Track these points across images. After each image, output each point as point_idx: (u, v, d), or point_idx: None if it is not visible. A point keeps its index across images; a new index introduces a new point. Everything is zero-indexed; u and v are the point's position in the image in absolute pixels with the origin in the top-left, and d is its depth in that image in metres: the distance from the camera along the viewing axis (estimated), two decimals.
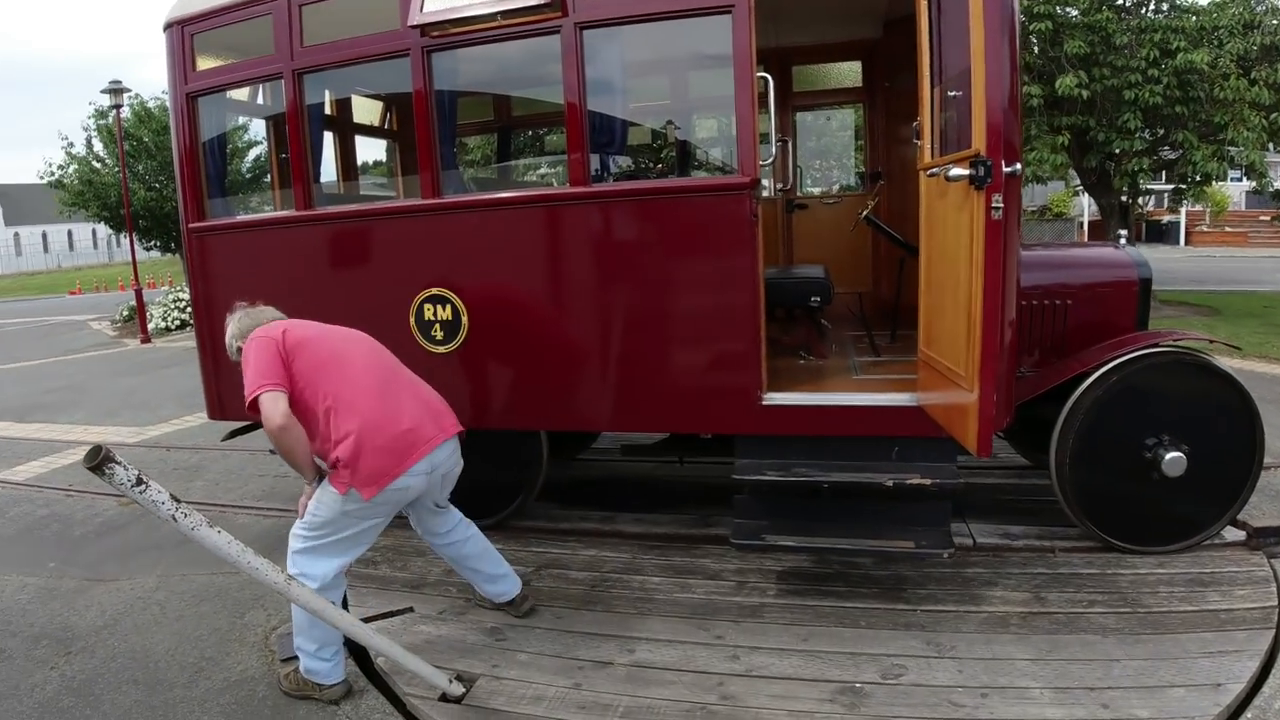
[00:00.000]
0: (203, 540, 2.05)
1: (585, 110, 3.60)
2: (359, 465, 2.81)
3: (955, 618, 3.23)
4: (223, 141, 4.99)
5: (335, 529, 2.94)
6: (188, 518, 1.96)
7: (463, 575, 3.51)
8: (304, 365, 2.91)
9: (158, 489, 1.87)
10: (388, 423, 2.90)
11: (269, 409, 2.75)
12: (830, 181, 13.29)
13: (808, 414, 3.55)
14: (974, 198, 2.79)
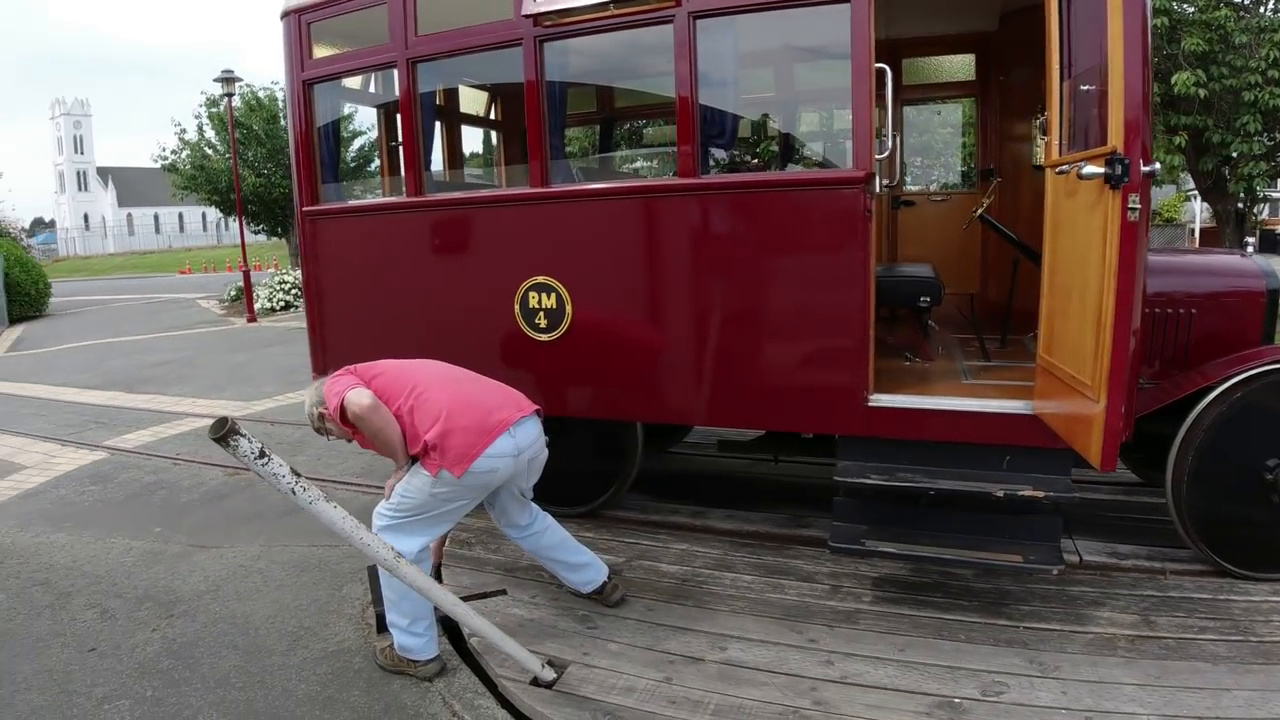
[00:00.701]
0: (319, 514, 2.10)
1: (696, 101, 3.56)
2: (447, 445, 2.90)
3: (1060, 637, 3.09)
4: (336, 128, 5.13)
5: (423, 510, 3.02)
6: (306, 491, 2.01)
7: (546, 567, 3.54)
8: (382, 382, 3.08)
9: (279, 462, 1.93)
10: (469, 405, 3.02)
11: (356, 398, 2.91)
12: (930, 179, 12.92)
13: (915, 417, 3.44)
14: (1108, 197, 2.64)
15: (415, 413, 2.97)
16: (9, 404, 9.20)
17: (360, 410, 2.88)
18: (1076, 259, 2.94)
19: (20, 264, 19.99)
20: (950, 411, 3.43)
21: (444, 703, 2.96)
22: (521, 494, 3.34)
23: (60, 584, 4.19)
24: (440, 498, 3.00)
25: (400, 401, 3.00)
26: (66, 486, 5.87)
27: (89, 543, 4.73)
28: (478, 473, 2.95)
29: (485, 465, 2.96)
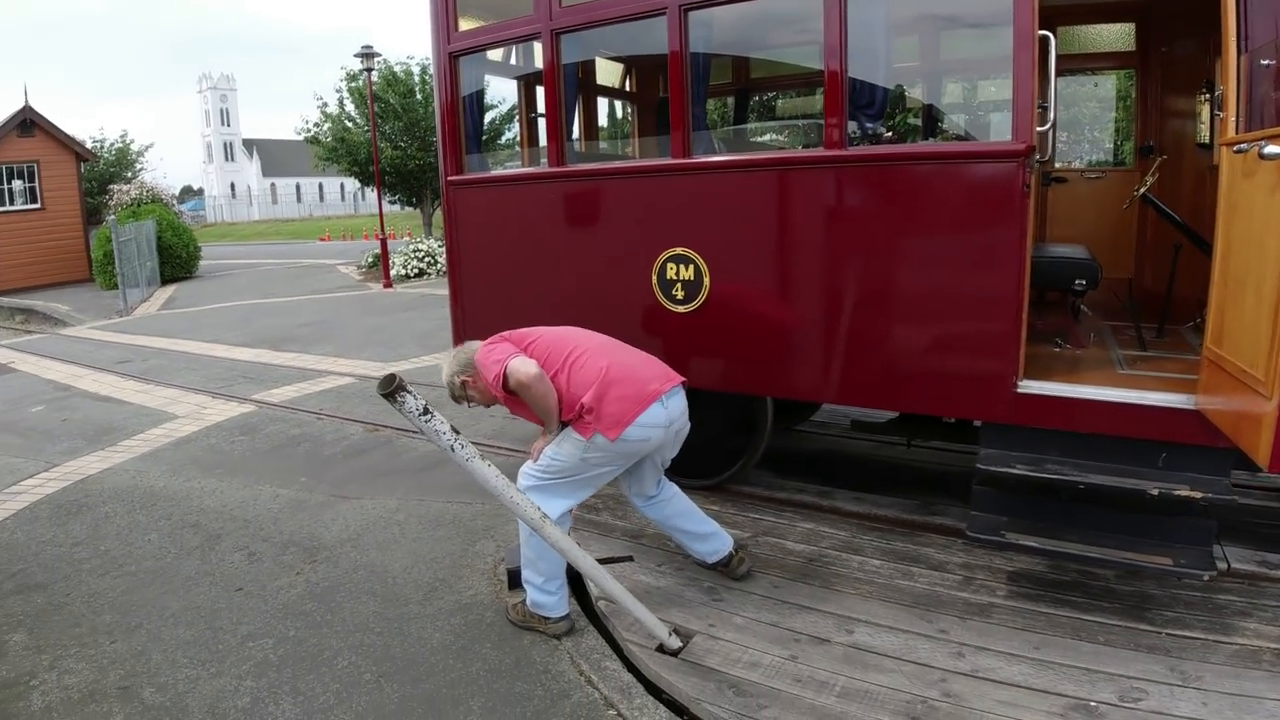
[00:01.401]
0: (474, 470, 2.18)
1: (845, 71, 3.45)
2: (603, 410, 2.94)
3: (1203, 646, 2.91)
4: (480, 100, 5.25)
5: (571, 474, 3.08)
6: (464, 448, 2.09)
7: (671, 536, 3.56)
8: (539, 347, 3.13)
9: (440, 419, 2.01)
10: (625, 372, 3.04)
11: (520, 366, 2.95)
12: (1076, 155, 12.21)
13: (1066, 406, 3.26)
14: None
15: (572, 377, 3.02)
16: (163, 358, 9.94)
17: (526, 379, 2.93)
18: (1253, 245, 2.71)
19: (172, 228, 21.46)
20: (1105, 402, 3.23)
21: (571, 662, 3.04)
22: (661, 464, 3.36)
23: (210, 526, 4.51)
24: (590, 462, 3.06)
25: (557, 366, 3.05)
26: (216, 436, 6.31)
27: (237, 489, 5.08)
28: (630, 440, 3.00)
29: (638, 434, 3.00)
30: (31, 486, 5.25)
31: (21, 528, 4.58)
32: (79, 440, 6.33)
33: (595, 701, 2.80)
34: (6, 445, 6.26)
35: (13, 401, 7.93)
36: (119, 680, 3.06)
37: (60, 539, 4.40)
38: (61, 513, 4.78)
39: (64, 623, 3.51)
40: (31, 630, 3.44)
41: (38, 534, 4.48)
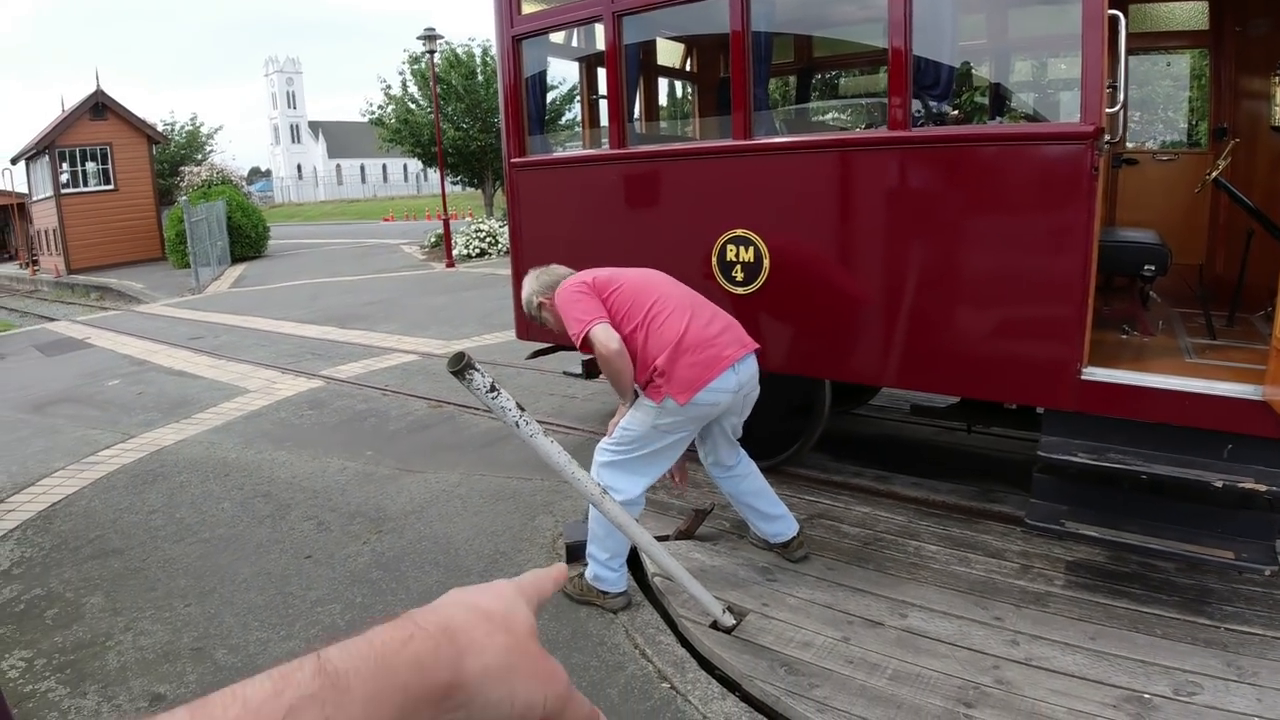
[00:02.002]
0: (538, 446, 2.23)
1: (910, 50, 3.40)
2: (675, 373, 2.98)
3: (1261, 642, 2.83)
4: (543, 82, 5.29)
5: (644, 444, 3.12)
6: (529, 425, 2.15)
7: (741, 511, 3.58)
8: (617, 299, 3.13)
9: (507, 396, 2.06)
10: (700, 335, 3.07)
11: (604, 337, 3.00)
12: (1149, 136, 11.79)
13: (1131, 395, 3.19)
14: None
15: (649, 337, 3.06)
16: (234, 334, 10.27)
17: (606, 352, 3.00)
18: None
19: (241, 209, 22.10)
20: (1171, 391, 3.15)
21: (627, 635, 3.10)
22: (733, 430, 3.39)
23: (280, 496, 4.67)
24: (662, 429, 3.10)
25: (636, 322, 3.09)
26: (286, 410, 6.51)
27: (307, 461, 5.25)
28: (700, 404, 3.03)
29: (708, 398, 3.04)
30: (109, 457, 5.50)
31: (99, 496, 4.80)
32: (154, 413, 6.59)
33: (649, 674, 2.86)
34: (85, 417, 6.56)
35: (90, 375, 8.29)
36: (192, 642, 3.20)
37: (137, 507, 4.61)
38: (138, 482, 5.00)
39: (140, 587, 3.68)
40: (109, 593, 3.62)
41: (115, 502, 4.70)
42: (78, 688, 2.93)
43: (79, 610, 3.49)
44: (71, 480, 5.07)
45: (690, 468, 3.61)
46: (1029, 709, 2.54)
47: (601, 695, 2.76)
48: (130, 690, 2.90)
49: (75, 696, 2.88)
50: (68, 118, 23.21)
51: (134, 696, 2.86)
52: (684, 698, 2.71)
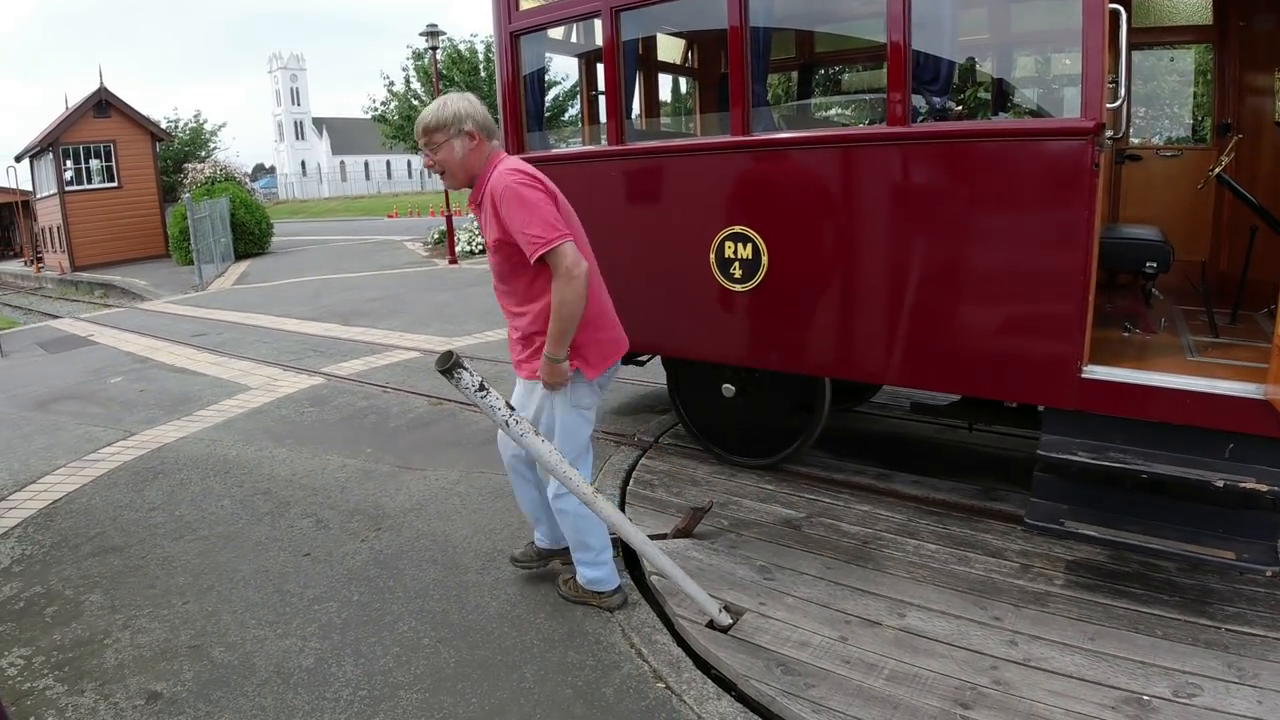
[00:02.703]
0: (528, 445, 2.22)
1: (909, 45, 3.37)
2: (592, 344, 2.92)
3: (1263, 643, 2.82)
4: (541, 78, 5.27)
5: (576, 432, 3.02)
6: (518, 424, 2.14)
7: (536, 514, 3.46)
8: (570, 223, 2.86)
9: (496, 395, 2.06)
10: (610, 308, 3.06)
11: (575, 259, 2.66)
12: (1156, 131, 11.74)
13: (1132, 393, 3.17)
14: None
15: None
16: (237, 331, 10.28)
17: (577, 282, 2.64)
18: None
19: (245, 205, 22.12)
20: (1172, 390, 3.13)
21: (623, 634, 3.09)
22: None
23: (280, 494, 4.67)
24: (581, 409, 2.99)
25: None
26: (287, 407, 6.51)
27: (307, 458, 5.25)
28: (602, 385, 3.00)
29: (606, 381, 3.01)
30: (110, 454, 5.50)
31: (100, 493, 4.81)
32: (156, 410, 6.60)
33: (644, 673, 2.85)
34: (87, 414, 6.56)
35: (93, 372, 8.31)
36: (190, 639, 3.20)
37: (137, 504, 4.61)
38: (139, 479, 5.00)
39: (139, 584, 3.68)
40: (108, 591, 3.62)
41: (115, 499, 4.70)
42: (75, 685, 2.93)
43: (78, 608, 3.49)
44: (73, 478, 5.08)
45: (689, 465, 3.60)
46: (1027, 710, 2.53)
47: (596, 694, 2.75)
48: (127, 688, 2.90)
49: (73, 694, 2.88)
50: (71, 115, 23.27)
51: (131, 694, 2.87)
52: (679, 697, 2.70)
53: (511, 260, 2.75)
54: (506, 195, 2.65)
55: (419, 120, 2.72)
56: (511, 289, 2.87)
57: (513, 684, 2.83)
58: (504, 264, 2.79)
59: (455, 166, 2.70)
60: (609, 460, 4.80)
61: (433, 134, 2.70)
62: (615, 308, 3.14)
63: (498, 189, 2.68)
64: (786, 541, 3.69)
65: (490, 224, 2.73)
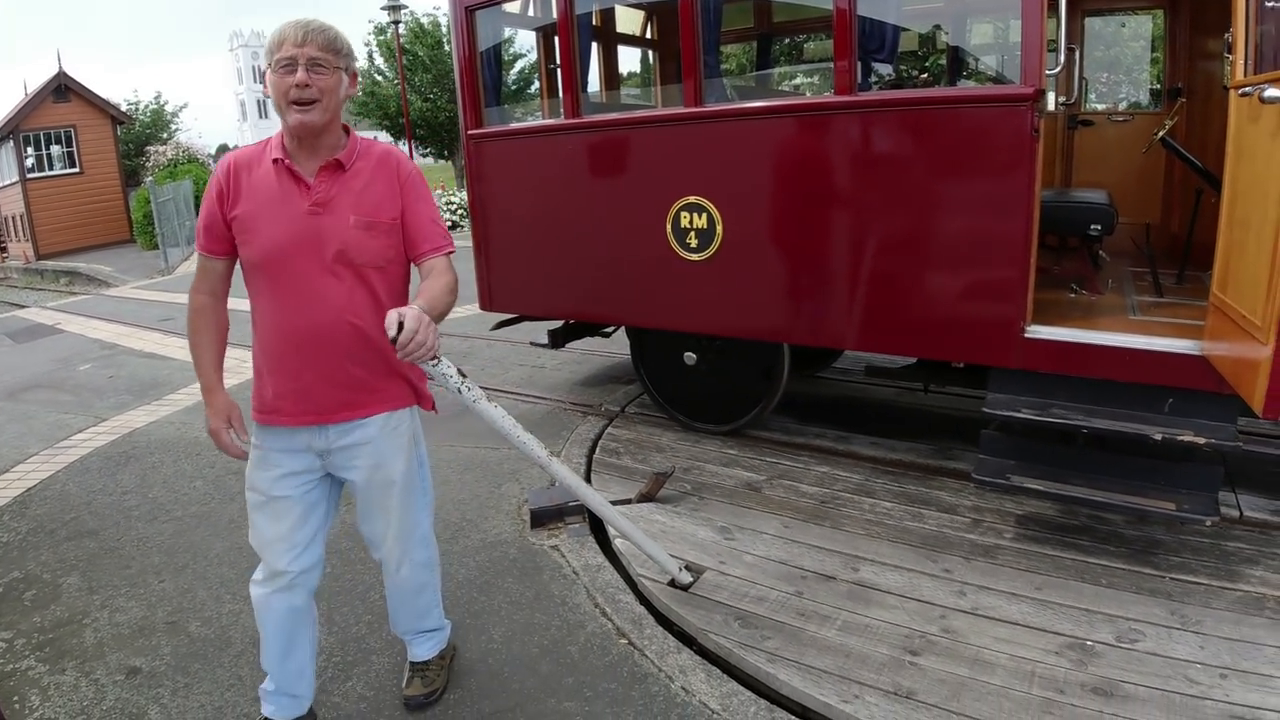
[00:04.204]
0: (481, 412, 2.29)
1: (855, 13, 3.44)
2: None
3: (1206, 591, 2.95)
4: (498, 53, 5.28)
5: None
6: (470, 391, 2.20)
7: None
8: None
9: (447, 363, 2.12)
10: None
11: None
12: (1118, 97, 11.87)
13: (1074, 352, 3.29)
14: None
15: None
16: None
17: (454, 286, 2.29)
18: (1257, 190, 2.69)
19: None
20: (1111, 348, 3.25)
21: (588, 595, 3.19)
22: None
23: None
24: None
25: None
26: None
27: None
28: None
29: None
30: (82, 440, 5.51)
31: (74, 479, 4.83)
32: (126, 395, 6.60)
33: (608, 631, 2.95)
34: (57, 402, 6.54)
35: (61, 360, 8.25)
36: (167, 616, 3.26)
37: (110, 488, 4.64)
38: (111, 464, 5.02)
39: (115, 565, 3.73)
40: (85, 573, 3.66)
41: (89, 484, 4.73)
42: (57, 665, 2.99)
43: (56, 591, 3.54)
44: (46, 465, 5.09)
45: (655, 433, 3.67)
46: (973, 656, 2.65)
47: (562, 653, 2.85)
48: (108, 665, 2.96)
49: (55, 673, 2.94)
50: (31, 101, 22.79)
51: (111, 670, 2.93)
52: (641, 652, 2.81)
53: (387, 253, 2.23)
54: (419, 177, 2.31)
55: (322, 28, 2.06)
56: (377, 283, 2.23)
57: (481, 645, 2.93)
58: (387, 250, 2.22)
59: (331, 102, 2.08)
60: (575, 430, 4.89)
61: (337, 54, 2.08)
62: (577, 279, 3.10)
63: (405, 165, 2.28)
64: (747, 503, 3.81)
65: (381, 201, 2.19)
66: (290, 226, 2.12)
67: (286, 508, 2.35)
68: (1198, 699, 2.40)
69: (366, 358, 2.24)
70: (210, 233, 2.21)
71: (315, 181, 2.14)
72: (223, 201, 2.16)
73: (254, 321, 2.28)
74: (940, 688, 2.51)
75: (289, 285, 2.16)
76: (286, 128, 2.13)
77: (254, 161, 2.18)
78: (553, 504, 3.78)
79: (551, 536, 3.68)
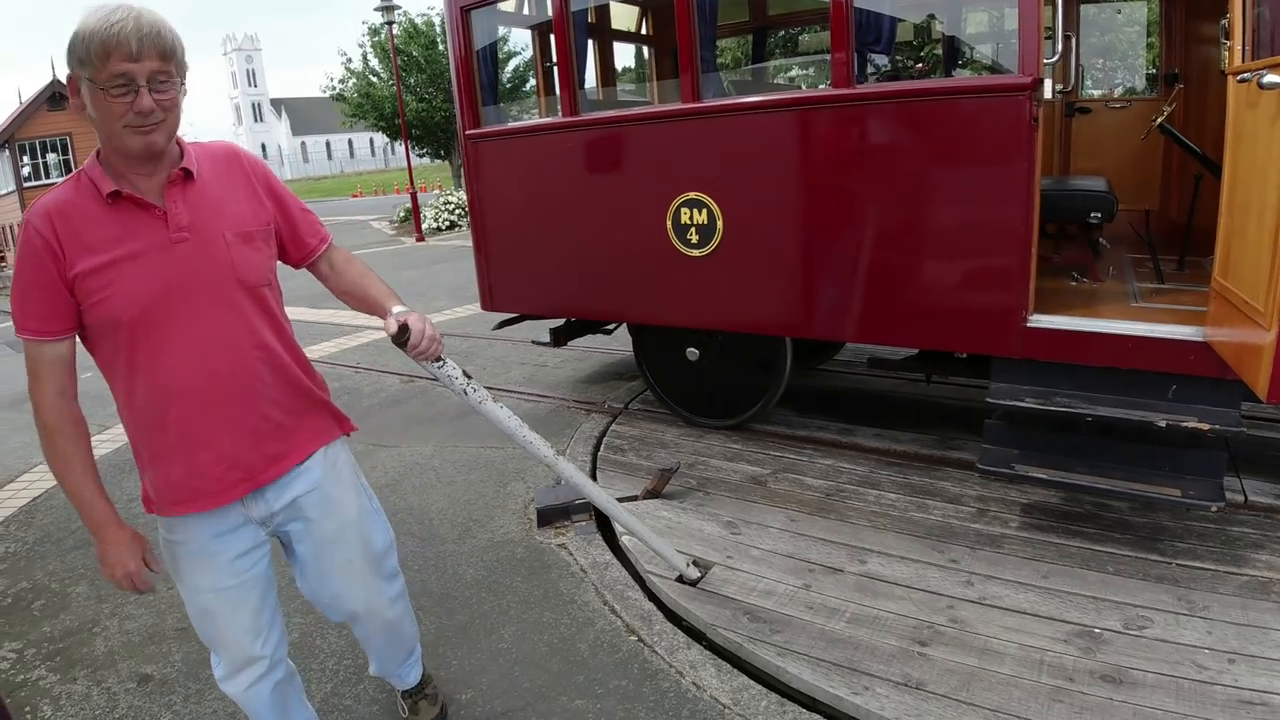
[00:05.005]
0: (487, 413, 2.30)
1: (851, 4, 3.44)
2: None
3: (1213, 577, 2.95)
4: (494, 52, 5.28)
5: None
6: (476, 392, 2.21)
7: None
8: None
9: (453, 365, 2.13)
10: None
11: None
12: (1114, 84, 11.84)
13: (1076, 340, 3.29)
14: None
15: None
16: None
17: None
18: (1256, 176, 2.70)
19: None
20: (1113, 335, 3.25)
21: (597, 593, 3.21)
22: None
23: None
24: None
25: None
26: None
27: None
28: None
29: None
30: None
31: None
32: None
33: (618, 628, 2.97)
34: None
35: None
36: (176, 623, 3.26)
37: (117, 495, 4.58)
38: (116, 471, 5.02)
39: None
40: (93, 582, 3.67)
41: None
42: (68, 674, 3.00)
43: (65, 600, 3.55)
44: (51, 475, 5.09)
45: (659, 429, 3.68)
46: (981, 645, 2.65)
47: (572, 650, 2.87)
48: (119, 673, 2.98)
49: (66, 683, 2.95)
50: (26, 109, 22.84)
51: (122, 678, 2.94)
52: (650, 649, 2.82)
53: (269, 263, 1.92)
54: (268, 171, 2.00)
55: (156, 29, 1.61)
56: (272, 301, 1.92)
57: (491, 645, 2.94)
58: (269, 261, 1.92)
59: (175, 114, 1.70)
60: (580, 428, 4.90)
61: (175, 59, 1.66)
62: (578, 277, 3.12)
63: (254, 161, 1.97)
64: (752, 497, 3.82)
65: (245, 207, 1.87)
66: (160, 266, 1.71)
67: (243, 593, 1.98)
68: (1206, 684, 2.40)
69: (282, 393, 1.92)
70: (43, 308, 1.69)
71: (168, 204, 1.73)
72: (57, 261, 1.66)
73: (123, 398, 1.84)
74: (950, 678, 2.51)
75: (173, 336, 1.74)
76: (118, 152, 1.69)
77: (74, 206, 1.69)
78: (559, 502, 3.79)
79: (559, 535, 3.69)
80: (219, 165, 1.86)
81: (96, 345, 1.79)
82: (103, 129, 1.65)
